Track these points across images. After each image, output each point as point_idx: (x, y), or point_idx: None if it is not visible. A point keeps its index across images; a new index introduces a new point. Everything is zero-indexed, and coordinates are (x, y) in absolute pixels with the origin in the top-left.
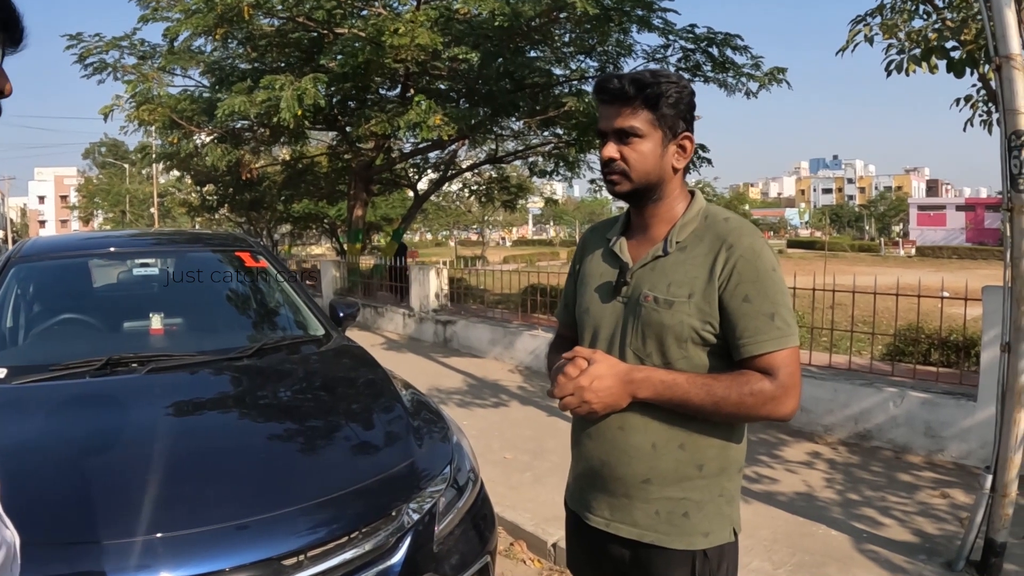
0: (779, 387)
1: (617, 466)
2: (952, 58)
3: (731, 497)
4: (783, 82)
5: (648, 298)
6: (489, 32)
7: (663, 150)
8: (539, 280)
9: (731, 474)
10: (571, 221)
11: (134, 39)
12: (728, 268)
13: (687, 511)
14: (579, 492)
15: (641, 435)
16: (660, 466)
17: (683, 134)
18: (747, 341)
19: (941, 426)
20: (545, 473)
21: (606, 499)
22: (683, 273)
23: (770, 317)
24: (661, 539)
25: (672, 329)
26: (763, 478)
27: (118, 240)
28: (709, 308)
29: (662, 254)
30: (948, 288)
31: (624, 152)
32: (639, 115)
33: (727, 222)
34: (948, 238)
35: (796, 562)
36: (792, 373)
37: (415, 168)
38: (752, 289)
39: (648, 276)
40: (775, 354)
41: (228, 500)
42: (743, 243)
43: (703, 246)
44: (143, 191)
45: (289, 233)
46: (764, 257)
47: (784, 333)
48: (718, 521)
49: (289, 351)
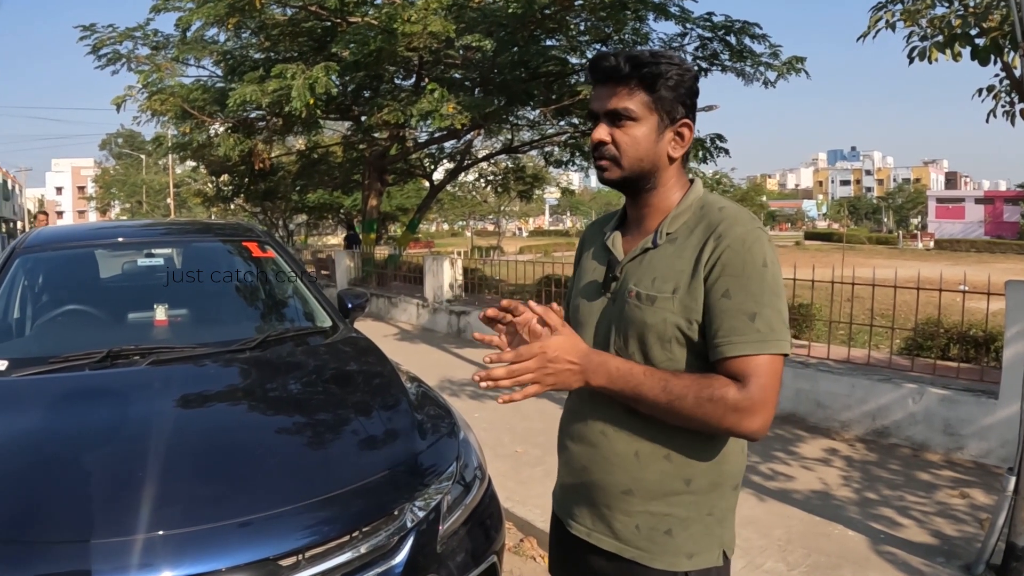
0: (746, 398)
1: (599, 473)
2: (976, 45)
3: (722, 517)
4: (802, 71)
5: (632, 294)
6: (503, 20)
7: (658, 136)
8: (554, 271)
9: (724, 491)
10: (588, 212)
11: (147, 29)
12: (713, 259)
13: (670, 528)
14: (563, 498)
15: (624, 443)
16: (643, 477)
17: (682, 120)
18: (721, 341)
19: (960, 424)
20: (556, 468)
21: (588, 508)
22: (669, 266)
23: (750, 317)
24: (641, 556)
25: (654, 328)
26: (778, 475)
27: (124, 230)
28: (695, 305)
29: (651, 246)
30: (968, 282)
31: (616, 136)
32: (634, 96)
33: (722, 211)
34: (967, 231)
35: (811, 563)
36: (765, 386)
37: (430, 158)
38: (734, 283)
39: (636, 270)
40: (749, 359)
41: (226, 497)
42: (733, 232)
43: (693, 237)
44: (159, 181)
45: (305, 223)
46: (755, 250)
47: (764, 338)
48: (705, 542)
49: (294, 343)
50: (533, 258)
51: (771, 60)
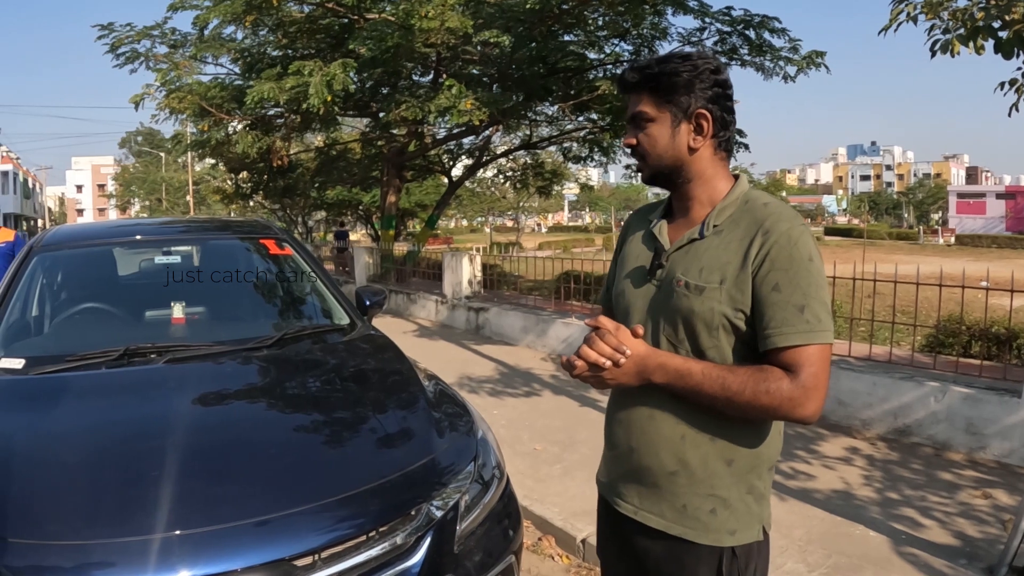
0: (798, 387)
1: (645, 455)
2: (999, 38)
3: (760, 495)
4: (821, 66)
5: (680, 283)
6: (520, 15)
7: (674, 131)
8: (573, 267)
9: (761, 472)
10: (607, 207)
11: (165, 28)
12: (762, 254)
13: (714, 508)
14: (609, 477)
15: (671, 426)
16: (688, 459)
17: (697, 112)
18: (772, 332)
19: (983, 423)
20: (575, 466)
21: (635, 487)
22: (716, 258)
23: (800, 309)
24: (687, 533)
25: (702, 316)
26: (799, 474)
27: (142, 228)
28: (741, 296)
29: (698, 237)
30: (990, 278)
31: (640, 138)
32: (644, 99)
33: (766, 207)
34: (988, 226)
35: (832, 564)
36: (816, 374)
37: (449, 154)
38: (783, 277)
39: (682, 260)
40: (800, 349)
41: (242, 497)
42: (780, 228)
43: (739, 231)
44: (178, 179)
45: (324, 220)
46: (801, 245)
47: (813, 328)
48: (746, 519)
49: (312, 341)
50: (552, 254)
51: (791, 55)
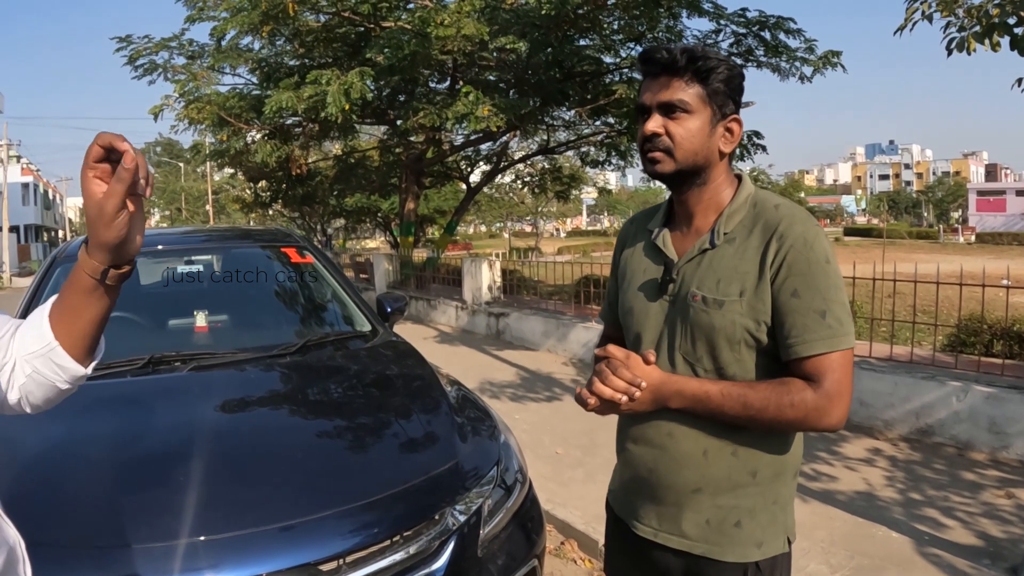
0: (823, 396)
1: (666, 474)
2: (1015, 34)
3: (785, 503)
4: (838, 66)
5: (696, 297)
6: (536, 20)
7: (711, 130)
8: (593, 271)
9: (786, 479)
10: (625, 211)
11: (182, 39)
12: (779, 260)
13: (739, 520)
14: (625, 499)
15: (692, 442)
16: (712, 474)
17: (732, 116)
18: (795, 341)
19: (1006, 422)
20: (597, 470)
21: (654, 508)
22: (732, 268)
23: (821, 314)
24: (712, 550)
25: (723, 331)
26: (821, 475)
27: (164, 237)
28: (762, 306)
29: (709, 247)
30: (1011, 276)
31: (670, 127)
32: (689, 89)
33: (777, 209)
34: (1008, 224)
35: (854, 566)
36: (839, 380)
37: (467, 160)
38: (802, 282)
39: (695, 272)
40: (824, 357)
41: (267, 502)
42: (794, 231)
43: (754, 238)
44: (198, 188)
45: (343, 227)
46: (816, 247)
47: (835, 333)
48: (772, 530)
49: (334, 347)
50: (572, 259)
51: (806, 55)
